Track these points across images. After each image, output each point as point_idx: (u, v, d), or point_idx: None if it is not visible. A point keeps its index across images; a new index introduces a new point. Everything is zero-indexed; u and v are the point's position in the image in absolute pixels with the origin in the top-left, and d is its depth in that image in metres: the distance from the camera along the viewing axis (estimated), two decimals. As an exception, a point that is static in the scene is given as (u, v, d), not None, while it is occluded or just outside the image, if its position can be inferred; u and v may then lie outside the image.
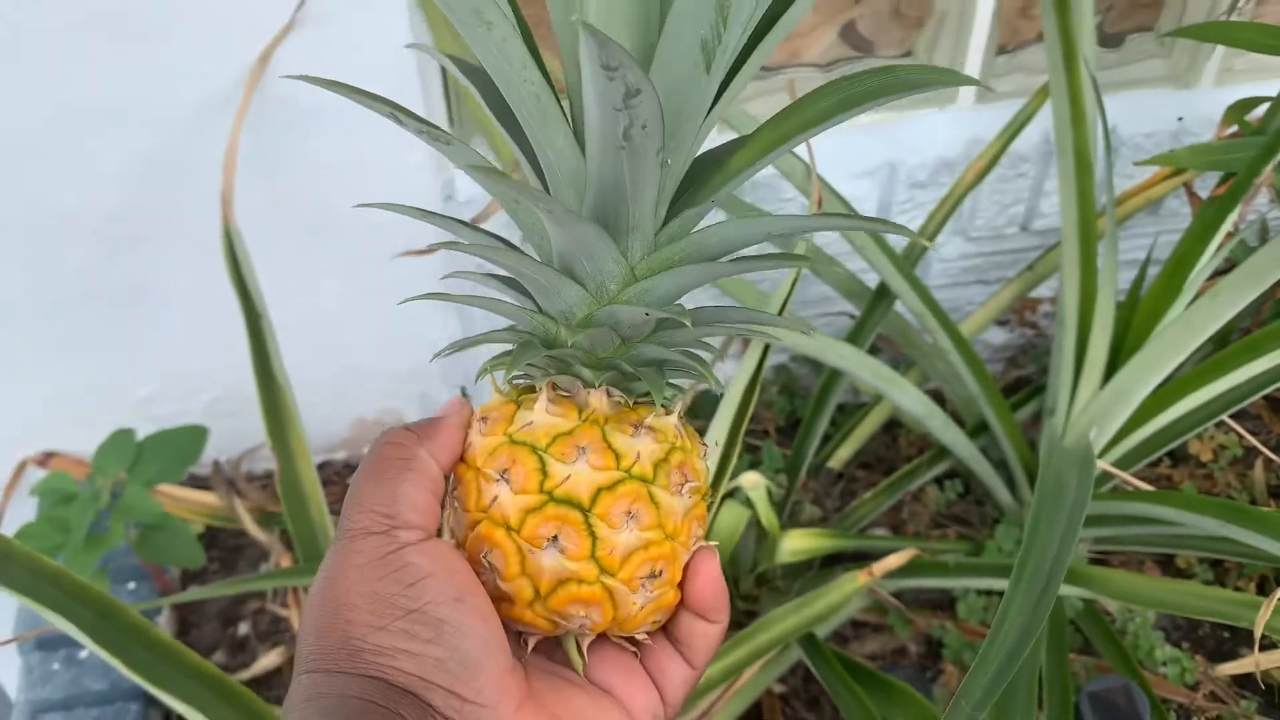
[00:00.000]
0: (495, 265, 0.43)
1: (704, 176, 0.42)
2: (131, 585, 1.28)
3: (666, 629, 0.47)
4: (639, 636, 0.46)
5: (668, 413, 0.46)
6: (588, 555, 0.43)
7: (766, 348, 1.08)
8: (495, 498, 0.43)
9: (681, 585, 0.46)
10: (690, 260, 0.42)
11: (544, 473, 0.43)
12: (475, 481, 0.44)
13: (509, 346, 0.45)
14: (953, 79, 0.38)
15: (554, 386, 0.45)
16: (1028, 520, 0.79)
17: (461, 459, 0.46)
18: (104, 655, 0.70)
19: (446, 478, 0.46)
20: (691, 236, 0.42)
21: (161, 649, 0.73)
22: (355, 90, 0.40)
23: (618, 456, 0.43)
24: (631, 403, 0.46)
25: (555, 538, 0.42)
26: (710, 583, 0.46)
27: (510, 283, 0.46)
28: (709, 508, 0.48)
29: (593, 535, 0.43)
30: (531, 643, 0.45)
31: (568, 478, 0.43)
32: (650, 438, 0.44)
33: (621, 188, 0.38)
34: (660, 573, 0.44)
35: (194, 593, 0.86)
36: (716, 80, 0.38)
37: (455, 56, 0.42)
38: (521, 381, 0.48)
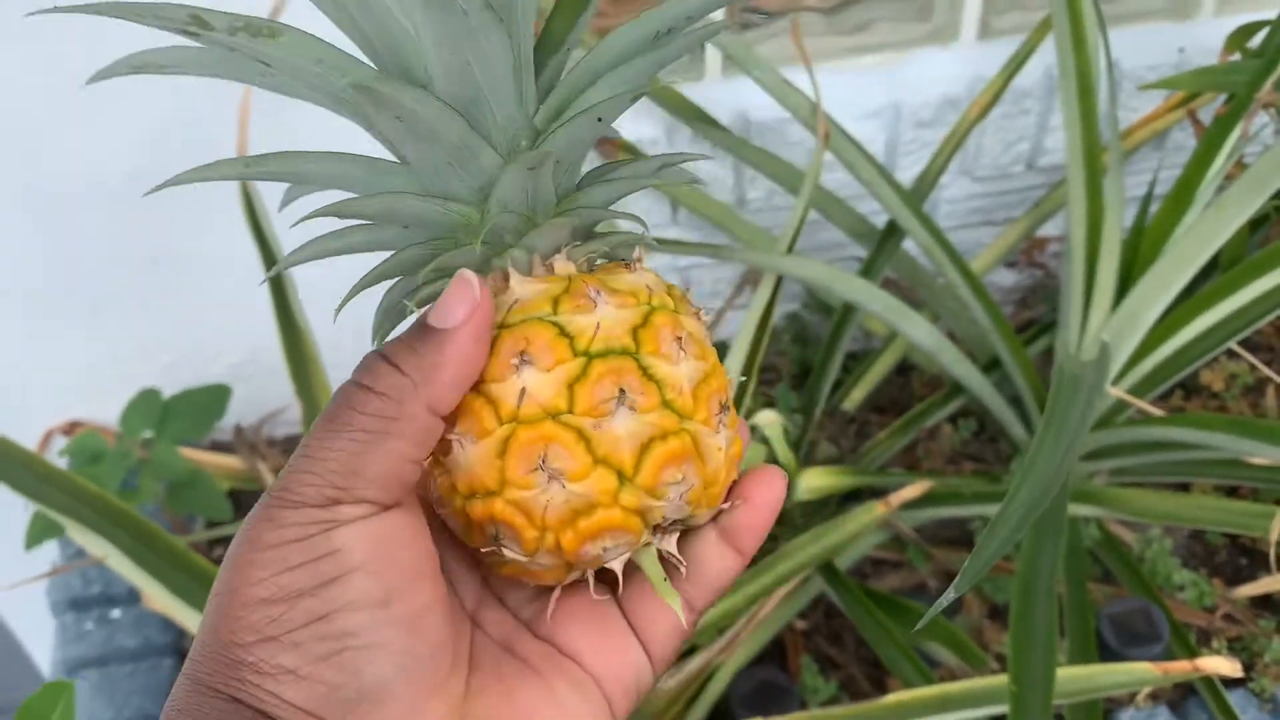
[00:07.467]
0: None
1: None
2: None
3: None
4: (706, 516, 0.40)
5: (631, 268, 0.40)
6: (659, 404, 0.36)
7: (778, 283, 1.09)
8: (524, 391, 0.36)
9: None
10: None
11: (566, 334, 0.36)
12: (481, 401, 0.37)
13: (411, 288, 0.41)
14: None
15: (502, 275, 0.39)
16: (1047, 403, 0.81)
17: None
18: (142, 579, 0.72)
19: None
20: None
21: (198, 573, 0.75)
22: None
23: (634, 295, 0.38)
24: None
25: (622, 392, 0.36)
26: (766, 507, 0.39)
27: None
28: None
29: (654, 379, 0.37)
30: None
31: (598, 326, 0.36)
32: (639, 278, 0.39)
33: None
34: (727, 406, 0.39)
35: (223, 530, 0.88)
36: None
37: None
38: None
